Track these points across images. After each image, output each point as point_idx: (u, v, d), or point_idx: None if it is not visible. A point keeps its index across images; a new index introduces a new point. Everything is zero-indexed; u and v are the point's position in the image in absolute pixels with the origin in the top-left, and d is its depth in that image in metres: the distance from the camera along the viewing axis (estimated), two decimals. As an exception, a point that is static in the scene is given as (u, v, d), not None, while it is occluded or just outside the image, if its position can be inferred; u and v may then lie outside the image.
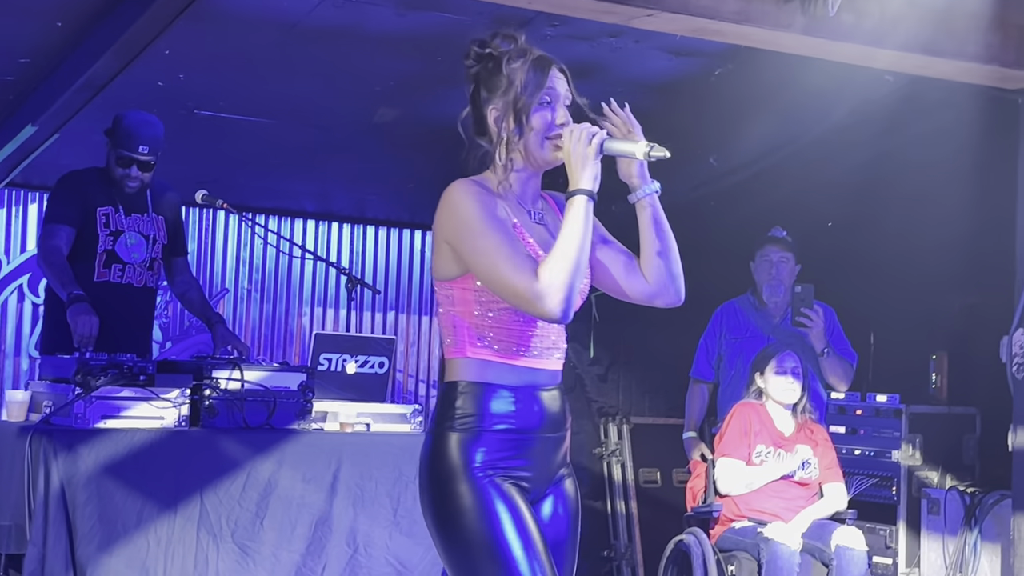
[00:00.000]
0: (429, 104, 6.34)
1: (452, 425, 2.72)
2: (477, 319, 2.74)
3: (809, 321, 5.65)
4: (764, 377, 5.38)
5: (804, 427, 5.39)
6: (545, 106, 2.81)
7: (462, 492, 2.68)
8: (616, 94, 6.30)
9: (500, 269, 2.65)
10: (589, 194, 2.70)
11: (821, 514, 5.25)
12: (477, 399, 2.73)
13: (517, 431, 2.74)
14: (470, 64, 2.87)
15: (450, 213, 2.74)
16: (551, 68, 2.83)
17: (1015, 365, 5.18)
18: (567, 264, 2.63)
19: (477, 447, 2.71)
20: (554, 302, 2.62)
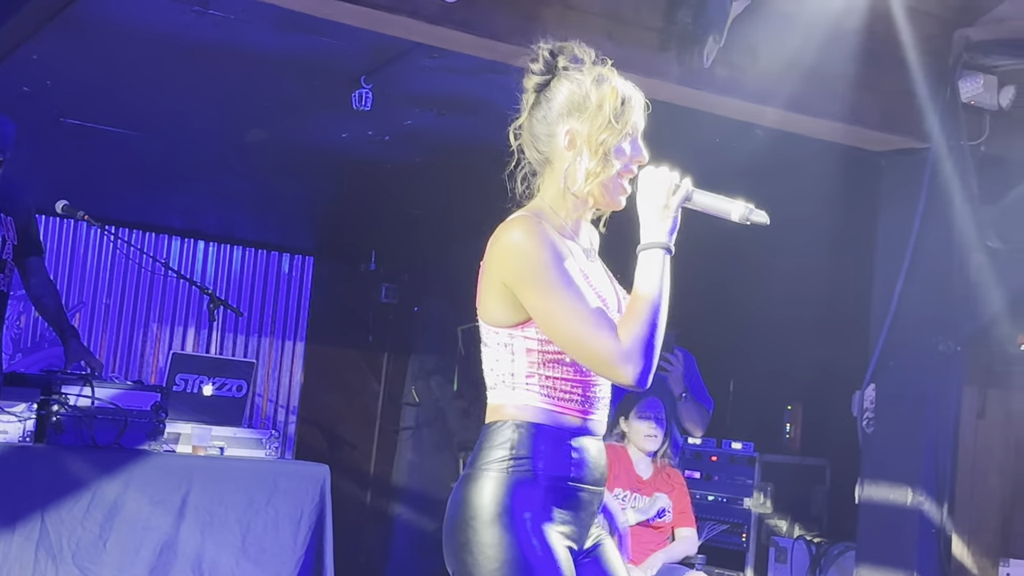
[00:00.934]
0: (303, 128, 6.29)
1: (504, 468, 2.46)
2: (536, 367, 2.49)
3: (669, 365, 5.71)
4: (628, 421, 5.41)
5: (662, 472, 5.43)
6: (627, 139, 2.55)
7: (508, 539, 2.43)
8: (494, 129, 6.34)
9: (576, 329, 2.39)
10: (668, 249, 2.46)
11: (672, 558, 5.29)
12: (532, 443, 2.48)
13: (571, 480, 2.50)
14: (540, 70, 2.58)
15: (515, 257, 2.44)
16: (634, 97, 2.57)
17: (865, 420, 5.30)
18: (650, 328, 2.39)
19: (529, 493, 2.46)
20: (637, 370, 2.38)
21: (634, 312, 2.41)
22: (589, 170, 2.51)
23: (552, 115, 2.54)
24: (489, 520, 2.43)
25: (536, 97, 2.58)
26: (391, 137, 6.43)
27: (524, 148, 2.61)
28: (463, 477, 2.52)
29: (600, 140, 2.50)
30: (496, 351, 2.53)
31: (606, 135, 2.50)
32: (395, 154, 6.74)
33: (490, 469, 2.46)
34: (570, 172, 2.53)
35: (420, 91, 5.73)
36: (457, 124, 6.17)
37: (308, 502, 4.85)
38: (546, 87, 2.56)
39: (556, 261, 2.42)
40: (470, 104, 5.87)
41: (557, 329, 2.42)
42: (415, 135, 6.39)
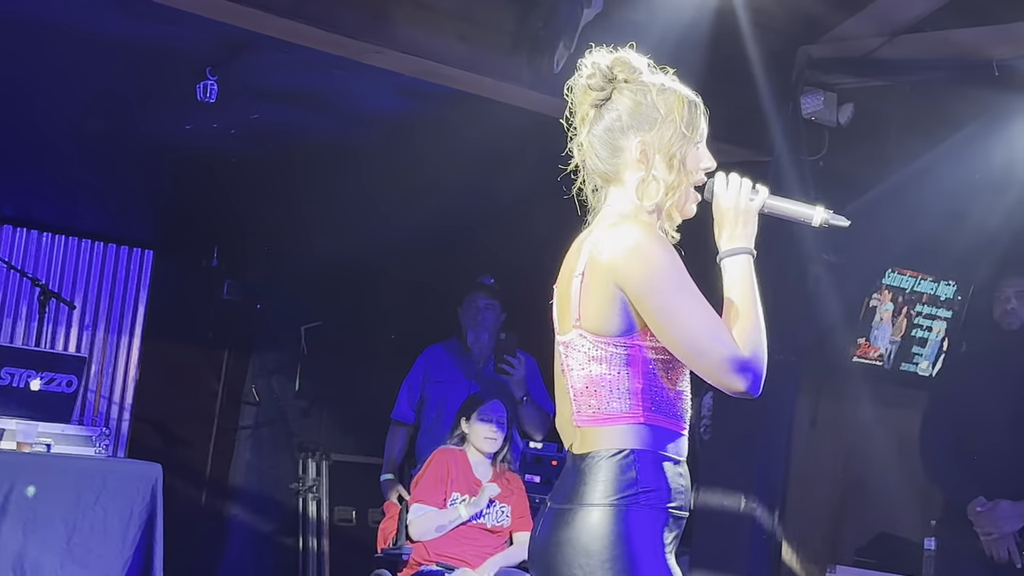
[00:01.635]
0: (146, 118, 6.14)
1: (636, 500, 2.33)
2: (650, 380, 2.37)
3: (511, 369, 5.71)
4: (469, 423, 5.39)
5: (501, 476, 5.43)
6: (697, 146, 2.49)
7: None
8: (339, 126, 6.30)
9: (700, 335, 2.29)
10: (751, 252, 2.43)
11: (509, 562, 5.28)
12: (658, 471, 2.36)
13: (684, 508, 2.43)
14: (598, 85, 2.48)
15: (641, 262, 2.34)
16: (699, 103, 2.52)
17: (702, 427, 5.38)
18: (761, 335, 2.33)
19: (663, 526, 2.36)
20: (752, 378, 2.30)
21: (742, 321, 2.33)
22: (668, 183, 2.45)
23: (617, 129, 2.47)
24: (635, 562, 2.33)
25: (596, 112, 2.50)
26: (237, 131, 6.32)
27: (588, 164, 2.53)
28: (565, 512, 2.36)
29: (674, 151, 2.44)
30: (598, 366, 2.40)
31: (679, 145, 2.45)
32: (241, 148, 6.62)
33: (621, 503, 2.33)
34: (644, 186, 2.45)
35: (267, 85, 5.64)
36: (304, 120, 6.10)
37: (139, 501, 4.74)
38: (607, 101, 2.48)
39: (678, 265, 2.36)
40: (318, 100, 5.80)
41: (679, 333, 2.31)
42: (261, 130, 6.29)
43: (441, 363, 5.99)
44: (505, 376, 5.73)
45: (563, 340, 2.50)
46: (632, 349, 2.38)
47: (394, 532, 5.44)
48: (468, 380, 5.81)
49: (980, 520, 4.56)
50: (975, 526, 4.57)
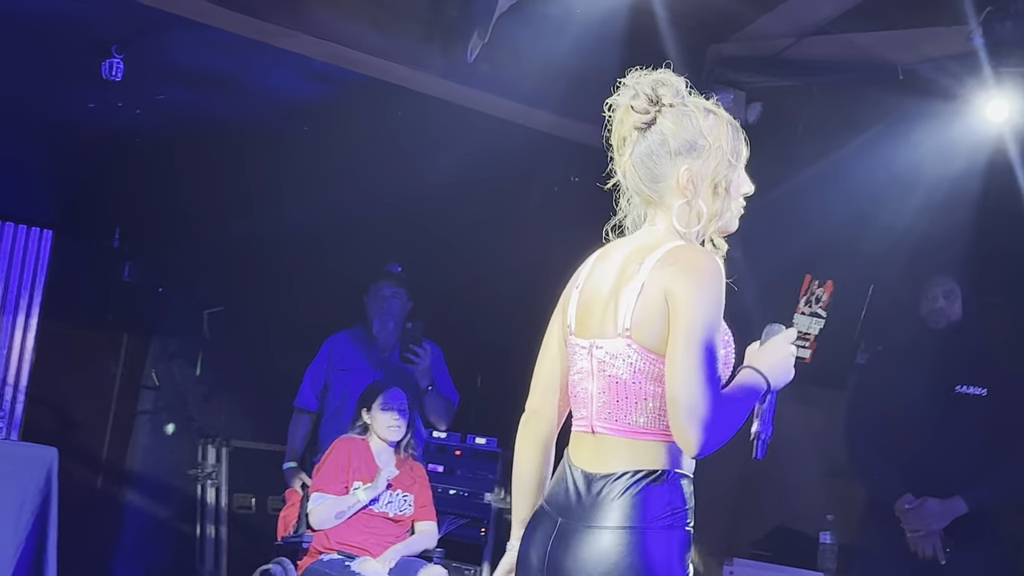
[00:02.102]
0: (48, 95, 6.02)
1: (683, 522, 2.36)
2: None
3: (416, 358, 5.70)
4: (371, 413, 5.37)
5: (404, 465, 5.41)
6: (739, 170, 2.49)
7: None
8: (246, 108, 6.21)
9: (700, 378, 2.24)
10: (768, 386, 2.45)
11: (410, 551, 5.27)
12: (690, 494, 2.40)
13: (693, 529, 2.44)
14: (642, 108, 2.44)
15: (706, 302, 2.29)
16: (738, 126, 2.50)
17: (606, 419, 5.40)
18: (733, 425, 2.30)
19: (690, 547, 2.39)
20: (707, 442, 2.23)
21: (730, 402, 2.30)
22: (712, 210, 2.43)
23: (663, 155, 2.44)
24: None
25: (639, 135, 2.47)
26: (142, 111, 6.20)
27: (629, 184, 2.51)
28: (617, 533, 2.32)
29: (719, 178, 2.42)
30: (642, 379, 2.37)
31: (725, 172, 2.43)
32: (146, 129, 6.50)
33: (670, 525, 2.34)
34: (688, 212, 2.44)
35: (175, 65, 5.55)
36: (211, 102, 6.01)
37: (32, 486, 4.64)
38: (650, 125, 2.45)
39: (720, 314, 2.33)
40: (226, 82, 5.72)
41: (684, 366, 2.25)
42: (167, 110, 6.19)
43: (346, 351, 5.95)
44: (410, 365, 5.71)
45: (598, 344, 2.45)
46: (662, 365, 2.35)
47: (295, 520, 5.40)
48: (373, 369, 5.77)
49: (907, 517, 4.61)
50: (902, 523, 4.62)
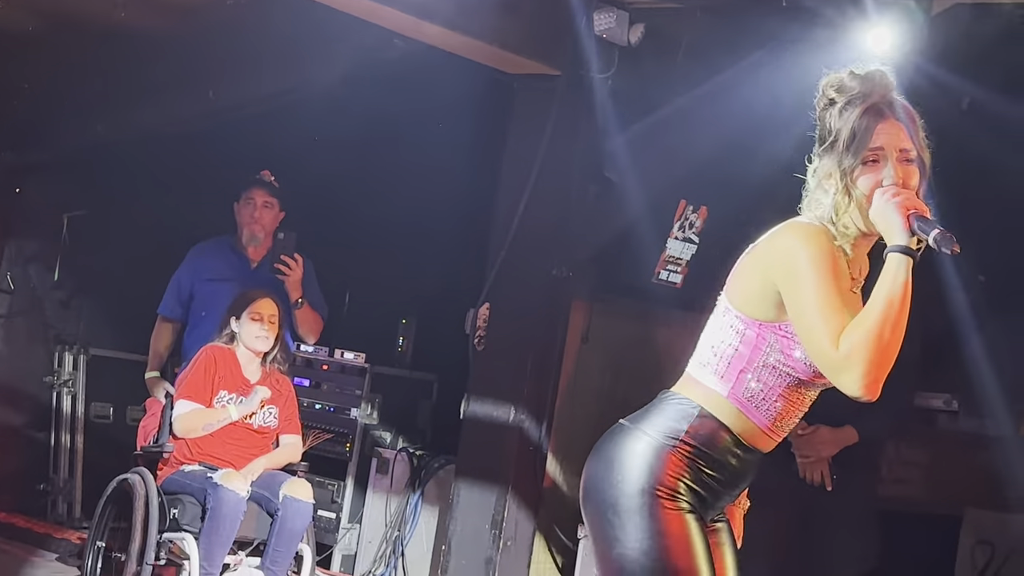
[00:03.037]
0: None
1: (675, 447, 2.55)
2: (756, 370, 2.55)
3: (288, 270, 5.58)
4: (239, 322, 5.26)
5: (271, 376, 5.33)
6: (871, 165, 2.48)
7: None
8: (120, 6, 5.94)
9: (812, 325, 2.39)
10: (903, 249, 2.37)
11: (274, 464, 5.21)
12: (712, 437, 2.56)
13: (719, 484, 2.61)
14: (820, 105, 2.57)
15: (791, 256, 2.45)
16: (881, 119, 2.49)
17: (476, 337, 5.39)
18: (868, 334, 2.32)
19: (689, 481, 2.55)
20: (852, 377, 2.33)
21: (859, 318, 2.35)
22: (835, 202, 2.50)
23: (817, 148, 2.58)
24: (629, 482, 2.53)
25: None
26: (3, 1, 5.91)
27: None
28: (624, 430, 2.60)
29: (840, 171, 2.49)
30: (719, 331, 2.59)
31: (844, 165, 2.49)
32: (7, 20, 6.21)
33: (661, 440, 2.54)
34: (809, 199, 2.58)
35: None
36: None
37: None
38: (820, 119, 2.58)
39: (828, 261, 2.42)
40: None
41: (802, 321, 2.41)
42: (26, 2, 5.91)
43: (214, 260, 5.79)
44: (281, 277, 5.59)
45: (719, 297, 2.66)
46: (751, 329, 2.53)
47: (155, 430, 5.28)
48: (240, 279, 5.63)
49: (799, 443, 4.66)
50: (793, 448, 4.68)
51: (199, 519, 4.87)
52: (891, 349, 2.35)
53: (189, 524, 4.89)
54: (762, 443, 2.61)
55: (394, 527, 5.92)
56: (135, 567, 4.77)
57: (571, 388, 5.63)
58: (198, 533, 4.82)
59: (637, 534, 2.49)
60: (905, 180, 2.48)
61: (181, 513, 4.91)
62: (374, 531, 6.07)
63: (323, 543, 6.01)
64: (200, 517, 4.87)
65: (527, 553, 5.32)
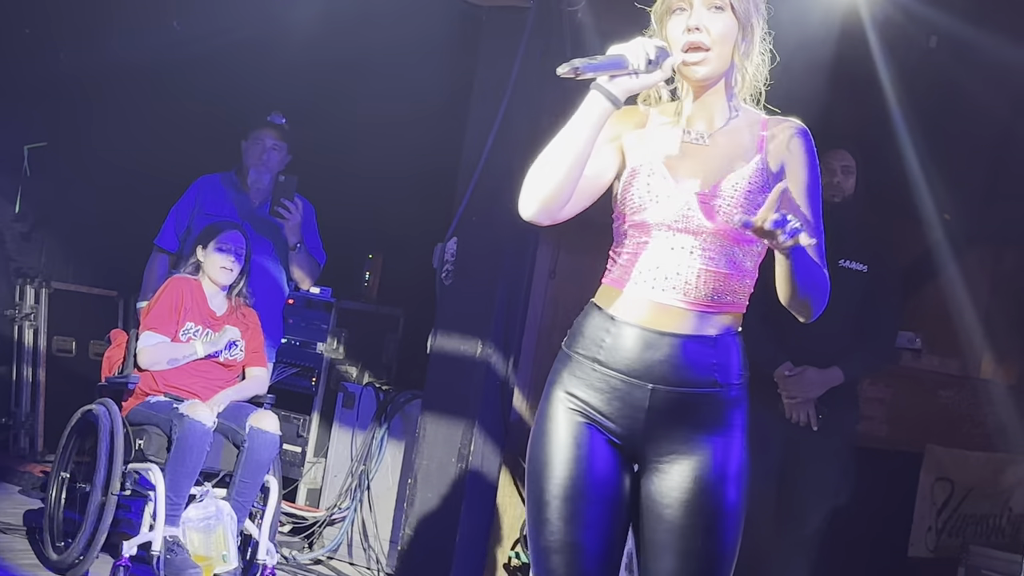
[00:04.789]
0: None
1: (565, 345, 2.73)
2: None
3: (287, 213, 5.48)
4: (205, 252, 5.21)
5: (237, 310, 5.29)
6: (679, 13, 2.52)
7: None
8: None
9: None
10: (598, 87, 2.46)
11: (241, 396, 5.19)
12: (588, 325, 2.70)
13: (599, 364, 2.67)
14: None
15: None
16: None
17: (444, 272, 5.37)
18: (540, 161, 2.51)
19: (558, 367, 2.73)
20: (520, 198, 2.56)
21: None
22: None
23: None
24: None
25: None
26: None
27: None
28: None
29: (655, 17, 2.59)
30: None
31: (658, 11, 2.58)
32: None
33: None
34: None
35: None
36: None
37: None
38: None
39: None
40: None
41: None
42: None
43: (216, 196, 5.67)
44: (280, 220, 5.50)
45: None
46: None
47: (120, 361, 5.24)
48: (240, 219, 5.52)
49: (786, 384, 4.69)
50: (780, 389, 4.70)
51: (165, 450, 4.85)
52: (541, 171, 2.52)
53: (155, 455, 4.87)
54: (630, 309, 2.57)
55: (360, 461, 5.92)
56: (100, 497, 4.75)
57: (539, 324, 5.63)
58: (164, 464, 4.80)
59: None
60: (707, 27, 2.50)
61: (147, 444, 4.89)
62: (340, 465, 6.08)
63: (289, 477, 6.01)
64: (166, 448, 4.85)
65: (493, 486, 5.34)
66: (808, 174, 2.59)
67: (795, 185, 2.55)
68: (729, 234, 2.51)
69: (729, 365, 2.57)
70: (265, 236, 5.55)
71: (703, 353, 2.53)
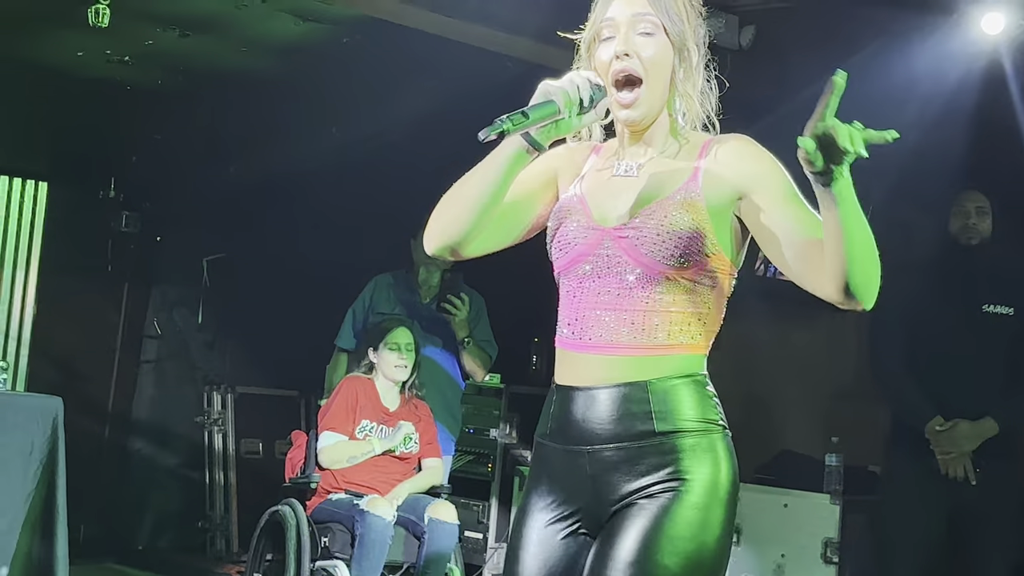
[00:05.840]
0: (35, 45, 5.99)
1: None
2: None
3: (454, 309, 5.59)
4: (377, 352, 5.37)
5: (409, 403, 5.42)
6: (608, 41, 2.25)
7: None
8: (240, 54, 6.17)
9: None
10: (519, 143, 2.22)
11: (418, 488, 5.30)
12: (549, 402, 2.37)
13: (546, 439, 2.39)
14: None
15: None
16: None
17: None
18: (448, 197, 2.31)
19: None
20: (425, 232, 2.35)
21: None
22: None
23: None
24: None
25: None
26: (131, 58, 6.16)
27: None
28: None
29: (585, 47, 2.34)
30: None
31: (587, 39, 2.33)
32: (136, 76, 6.47)
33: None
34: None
35: (162, 10, 5.50)
36: (201, 46, 5.96)
37: (39, 435, 4.67)
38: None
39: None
40: (214, 26, 5.67)
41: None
42: (157, 56, 6.15)
43: (387, 295, 5.83)
44: (446, 316, 5.61)
45: None
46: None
47: (302, 461, 5.42)
48: (411, 316, 5.66)
49: (939, 439, 4.59)
50: (932, 445, 4.60)
51: (349, 546, 4.98)
52: (447, 209, 2.31)
53: (340, 551, 5.01)
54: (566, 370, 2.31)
55: (541, 544, 5.95)
56: (291, 596, 4.90)
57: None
58: (349, 560, 4.93)
59: None
60: (638, 52, 2.22)
61: (331, 541, 5.04)
62: (522, 549, 6.11)
63: (472, 563, 6.09)
64: (350, 544, 4.98)
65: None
66: (767, 166, 2.21)
67: (766, 189, 2.19)
68: (654, 269, 2.19)
69: (671, 411, 2.18)
70: (436, 332, 5.66)
71: (638, 401, 2.19)
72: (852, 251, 2.00)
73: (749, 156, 2.23)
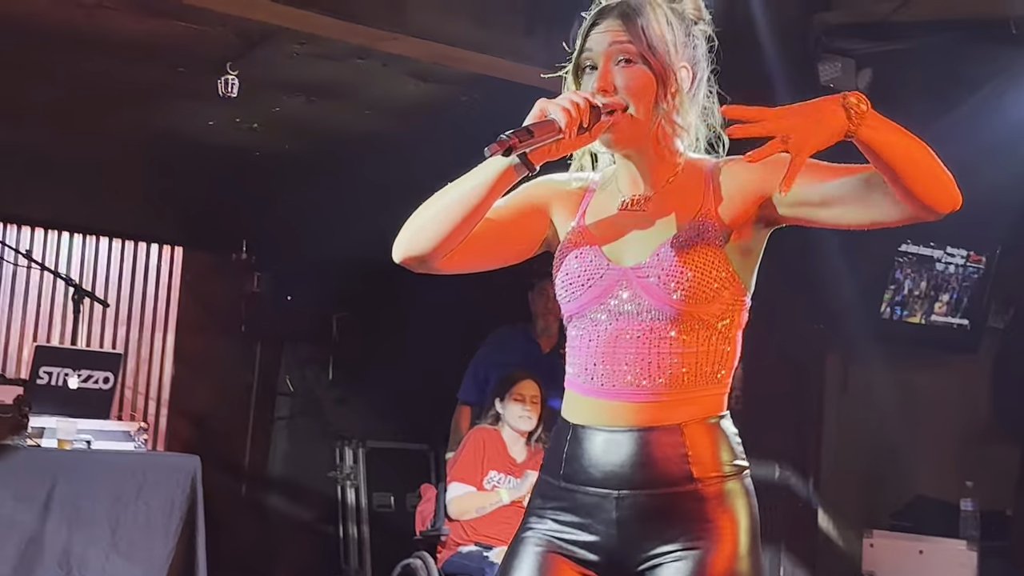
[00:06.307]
0: (168, 116, 6.21)
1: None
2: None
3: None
4: (503, 404, 5.43)
5: (536, 455, 5.46)
6: (589, 72, 2.18)
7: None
8: (363, 116, 6.33)
9: None
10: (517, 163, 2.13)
11: (546, 539, 5.31)
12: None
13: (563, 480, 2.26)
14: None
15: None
16: (597, 23, 2.18)
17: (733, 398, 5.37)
18: (426, 206, 2.21)
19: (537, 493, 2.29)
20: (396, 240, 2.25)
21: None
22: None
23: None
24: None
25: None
26: (259, 124, 6.37)
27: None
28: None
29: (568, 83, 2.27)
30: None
31: (569, 74, 2.25)
32: (264, 141, 6.67)
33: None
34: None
35: (287, 77, 5.69)
36: (326, 110, 6.14)
37: (179, 494, 4.80)
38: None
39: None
40: (338, 90, 5.84)
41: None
42: (284, 122, 6.34)
43: (510, 347, 5.93)
44: (562, 361, 5.66)
45: None
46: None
47: (431, 514, 5.49)
48: (531, 367, 5.74)
49: None
50: None
51: (480, 598, 5.03)
52: (420, 210, 2.22)
53: (471, 603, 5.06)
54: (582, 410, 2.23)
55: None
56: (424, 648, 4.96)
57: (835, 441, 5.56)
58: (480, 611, 4.98)
59: None
60: (621, 83, 2.13)
61: (463, 593, 5.09)
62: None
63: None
64: (481, 596, 5.03)
65: (807, 611, 5.25)
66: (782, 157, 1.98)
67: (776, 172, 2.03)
68: (677, 308, 2.11)
69: (708, 455, 2.13)
70: (559, 383, 5.70)
71: (672, 445, 2.12)
72: (906, 170, 1.96)
73: (759, 163, 2.04)
